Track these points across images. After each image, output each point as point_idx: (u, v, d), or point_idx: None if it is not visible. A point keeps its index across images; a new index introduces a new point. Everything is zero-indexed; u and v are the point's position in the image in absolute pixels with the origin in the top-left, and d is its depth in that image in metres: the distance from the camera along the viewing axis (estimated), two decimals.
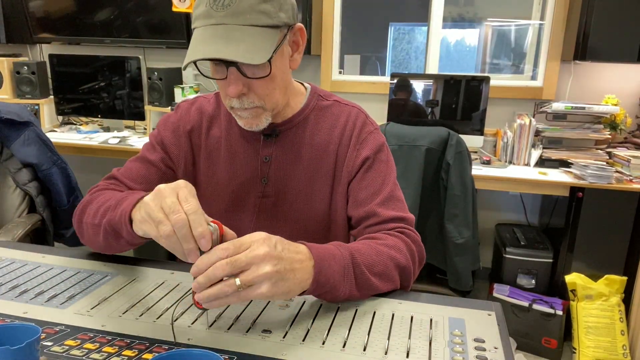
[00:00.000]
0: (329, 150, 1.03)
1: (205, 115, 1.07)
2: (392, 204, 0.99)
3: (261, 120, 0.95)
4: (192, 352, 0.56)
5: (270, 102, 0.93)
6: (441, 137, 2.06)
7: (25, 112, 1.72)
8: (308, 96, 1.06)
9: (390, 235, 0.93)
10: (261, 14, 0.84)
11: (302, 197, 1.02)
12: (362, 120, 1.05)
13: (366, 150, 1.02)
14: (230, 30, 0.83)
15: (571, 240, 2.29)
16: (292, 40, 0.94)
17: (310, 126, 1.04)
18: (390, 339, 0.72)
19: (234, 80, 0.88)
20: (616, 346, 2.10)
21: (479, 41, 4.45)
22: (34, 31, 3.08)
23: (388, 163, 1.04)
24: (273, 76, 0.90)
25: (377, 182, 1.01)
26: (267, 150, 1.03)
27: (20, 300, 0.81)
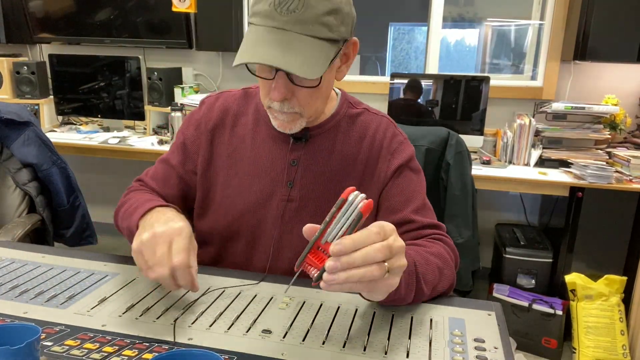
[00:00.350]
0: (358, 161, 1.02)
1: (230, 112, 1.05)
2: (426, 211, 1.01)
3: (296, 125, 0.94)
4: (192, 352, 0.56)
5: (309, 110, 0.93)
6: (441, 137, 2.06)
7: (25, 112, 1.72)
8: (339, 103, 1.05)
9: (431, 243, 0.93)
10: (324, 26, 0.82)
11: (326, 204, 1.01)
12: (392, 131, 1.06)
13: (398, 160, 1.02)
14: (290, 38, 0.81)
15: (571, 240, 2.29)
16: (343, 52, 0.92)
17: (341, 134, 1.03)
18: (390, 339, 0.72)
19: (281, 85, 0.87)
20: (616, 346, 2.10)
21: (478, 41, 4.45)
22: (34, 31, 3.08)
23: (419, 173, 1.06)
24: (319, 87, 0.89)
25: (410, 189, 1.01)
26: (295, 153, 1.01)
27: (20, 300, 0.81)
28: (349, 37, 0.90)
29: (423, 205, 1.01)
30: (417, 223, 0.97)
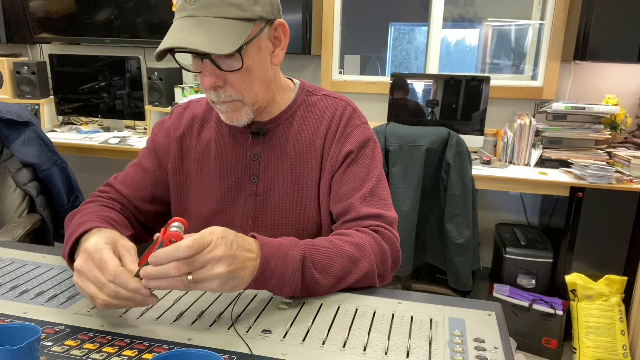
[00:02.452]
0: (316, 146, 1.02)
1: (197, 119, 1.08)
2: (372, 200, 0.98)
3: (241, 115, 0.95)
4: (192, 352, 0.56)
5: (248, 96, 0.93)
6: (441, 137, 2.06)
7: (25, 112, 1.72)
8: (296, 92, 1.06)
9: (361, 233, 0.92)
10: (232, 7, 0.85)
11: (290, 194, 1.02)
12: (349, 113, 1.04)
13: (350, 144, 1.00)
14: (199, 22, 0.84)
15: (571, 240, 2.29)
16: (273, 35, 0.94)
17: (297, 122, 1.03)
18: (390, 339, 0.72)
19: (208, 72, 0.89)
20: (616, 346, 2.10)
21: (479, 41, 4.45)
22: (34, 31, 3.08)
23: (373, 158, 1.03)
24: (249, 69, 0.90)
25: (359, 177, 0.99)
26: (255, 148, 1.02)
27: (20, 300, 0.81)
28: (271, 18, 0.91)
29: (371, 193, 0.98)
30: (356, 213, 0.96)
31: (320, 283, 0.83)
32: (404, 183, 2.09)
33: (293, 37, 2.84)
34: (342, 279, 0.85)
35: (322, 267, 0.83)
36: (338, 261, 0.85)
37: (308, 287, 0.82)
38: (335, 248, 0.86)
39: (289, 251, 0.80)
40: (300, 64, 3.00)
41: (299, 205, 1.02)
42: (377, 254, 0.90)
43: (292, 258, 0.80)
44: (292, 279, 0.79)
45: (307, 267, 0.81)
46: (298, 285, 0.80)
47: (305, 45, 2.68)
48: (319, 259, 0.83)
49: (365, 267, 0.88)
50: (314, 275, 0.82)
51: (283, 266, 0.78)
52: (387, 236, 0.94)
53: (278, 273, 0.78)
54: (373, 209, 0.97)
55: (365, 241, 0.90)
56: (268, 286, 0.79)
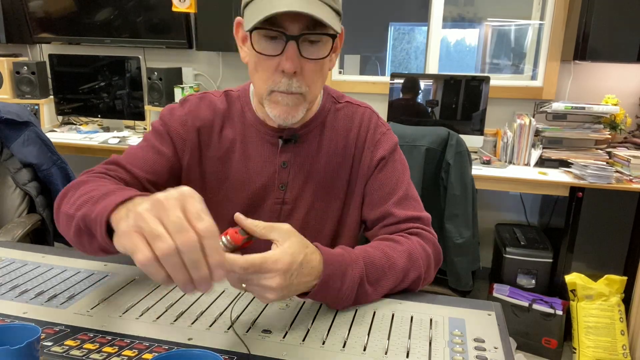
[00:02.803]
0: (347, 155, 1.02)
1: (219, 114, 1.01)
2: (408, 203, 0.99)
3: (298, 111, 0.91)
4: (192, 352, 0.56)
5: (313, 91, 0.92)
6: (441, 137, 2.06)
7: (25, 112, 1.72)
8: (323, 98, 1.04)
9: (404, 238, 0.92)
10: None
11: (317, 204, 1.01)
12: (375, 121, 1.05)
13: (381, 151, 1.01)
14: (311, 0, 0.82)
15: (571, 240, 2.29)
16: None
17: (328, 130, 1.02)
18: (390, 339, 0.72)
19: (292, 55, 0.85)
20: (616, 346, 2.10)
21: (479, 41, 4.45)
22: (34, 31, 3.08)
23: (402, 162, 1.05)
24: (323, 64, 0.90)
25: (391, 181, 1.00)
26: (285, 155, 1.00)
27: (20, 300, 0.81)
28: None
29: (405, 196, 0.99)
30: (395, 217, 0.97)
31: (369, 295, 0.82)
32: None
33: None
34: (391, 289, 0.86)
35: (376, 281, 0.83)
36: (391, 275, 0.85)
37: (359, 301, 0.82)
38: (388, 261, 0.85)
39: (348, 270, 0.79)
40: None
41: (324, 215, 1.02)
42: (424, 260, 0.90)
43: (350, 278, 0.79)
44: (346, 298, 0.79)
45: (362, 286, 0.81)
46: (350, 302, 0.80)
47: None
48: (373, 274, 0.83)
49: (414, 278, 0.88)
50: (367, 289, 0.81)
51: (340, 286, 0.78)
52: (428, 238, 0.95)
53: (334, 291, 0.77)
54: (409, 211, 0.98)
55: (414, 249, 0.90)
56: (322, 301, 0.80)
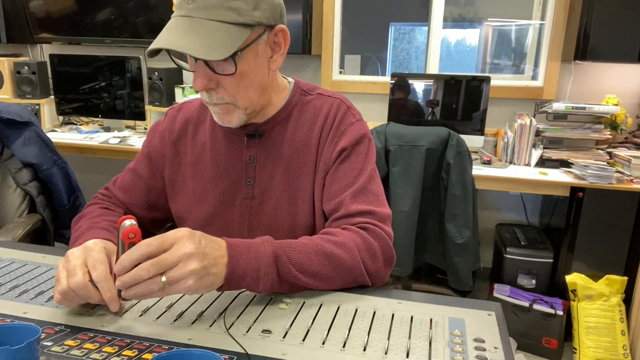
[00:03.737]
0: (311, 146, 1.01)
1: (191, 122, 1.08)
2: (364, 197, 0.96)
3: (233, 117, 0.94)
4: (192, 352, 0.56)
5: (241, 100, 0.92)
6: (441, 137, 2.06)
7: (25, 112, 1.72)
8: (291, 92, 1.04)
9: (347, 231, 0.90)
10: (230, 11, 0.83)
11: (285, 196, 1.01)
12: (343, 111, 1.02)
13: (343, 142, 0.99)
14: (194, 24, 0.83)
15: (571, 240, 2.29)
16: (272, 41, 0.92)
17: (293, 123, 1.02)
18: (390, 339, 0.72)
19: (200, 74, 0.88)
20: (616, 346, 2.10)
21: (479, 41, 4.45)
22: (35, 31, 3.08)
23: (367, 155, 1.01)
24: (243, 74, 0.89)
25: (351, 174, 0.98)
26: (250, 150, 1.02)
27: (20, 300, 0.81)
28: (272, 24, 0.90)
29: (362, 190, 0.97)
30: (346, 210, 0.94)
31: (301, 279, 0.82)
32: (404, 183, 2.09)
33: (293, 37, 2.84)
34: (325, 277, 0.84)
35: (300, 265, 0.82)
36: (317, 259, 0.83)
37: (289, 284, 0.82)
38: (315, 247, 0.84)
39: (260, 248, 0.80)
40: (300, 64, 3.00)
41: (294, 207, 1.01)
42: (363, 251, 0.88)
43: (264, 254, 0.79)
44: (266, 275, 0.79)
45: (283, 263, 0.80)
46: (275, 281, 0.80)
47: (305, 45, 2.69)
48: (296, 257, 0.82)
49: (350, 266, 0.86)
50: (292, 271, 0.81)
51: (255, 263, 0.78)
52: (376, 233, 0.92)
53: (250, 270, 0.78)
54: (364, 205, 0.95)
55: (349, 239, 0.88)
56: (243, 284, 0.78)
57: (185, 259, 0.69)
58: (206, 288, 0.73)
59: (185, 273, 0.69)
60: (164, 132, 1.09)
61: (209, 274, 0.72)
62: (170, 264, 0.69)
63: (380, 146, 2.09)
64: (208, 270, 0.72)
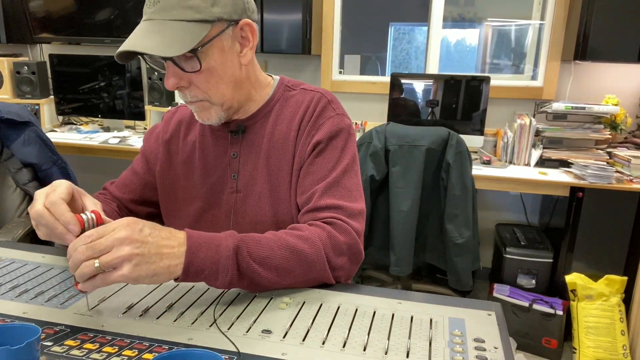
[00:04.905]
0: (290, 139, 1.01)
1: (184, 123, 1.12)
2: (335, 191, 0.95)
3: (211, 114, 0.97)
4: (192, 352, 0.56)
5: (215, 96, 0.94)
6: (441, 137, 2.06)
7: (25, 112, 1.72)
8: (275, 88, 1.06)
9: (312, 226, 0.90)
10: (188, 9, 0.86)
11: (267, 189, 1.02)
12: (323, 104, 1.02)
13: (319, 135, 0.98)
14: (155, 25, 0.86)
15: (571, 240, 2.29)
16: (239, 35, 0.94)
17: (274, 118, 1.03)
18: (390, 339, 0.72)
19: (171, 73, 0.91)
20: (616, 346, 2.10)
21: (479, 41, 4.45)
22: (34, 31, 3.08)
23: (344, 150, 1.00)
24: (212, 70, 0.91)
25: (325, 168, 0.97)
26: (235, 146, 1.04)
27: (20, 300, 0.81)
28: (235, 19, 0.91)
29: (334, 183, 0.96)
30: (315, 203, 0.94)
31: (262, 275, 0.81)
32: (404, 183, 2.09)
33: (293, 37, 2.87)
34: (287, 272, 0.83)
35: (262, 259, 0.81)
36: (280, 253, 0.83)
37: (249, 279, 0.81)
38: (278, 241, 0.84)
39: (222, 242, 0.80)
40: (300, 64, 3.00)
41: (276, 200, 1.02)
42: (327, 246, 0.87)
43: (225, 248, 0.79)
44: (225, 269, 0.78)
45: (242, 257, 0.80)
46: (234, 276, 0.79)
47: (305, 45, 2.69)
48: (257, 251, 0.81)
49: (313, 260, 0.85)
50: (252, 266, 0.80)
51: (215, 256, 0.78)
52: (342, 228, 0.91)
53: (210, 263, 0.77)
54: (333, 199, 0.94)
55: (313, 234, 0.87)
56: (201, 277, 0.78)
57: (117, 244, 0.70)
58: (149, 278, 0.72)
59: (116, 258, 0.69)
60: (159, 133, 1.14)
61: (149, 263, 0.71)
62: (103, 248, 0.69)
63: (380, 146, 2.09)
64: (146, 258, 0.71)
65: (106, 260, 0.69)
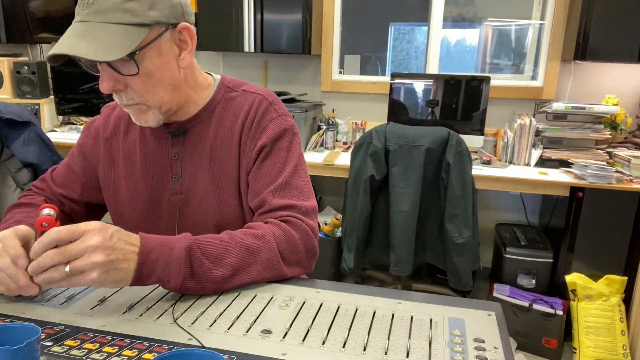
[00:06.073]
0: (233, 142, 1.02)
1: (123, 120, 1.09)
2: (287, 192, 0.98)
3: (149, 117, 0.96)
4: (193, 352, 0.56)
5: (152, 99, 0.93)
6: (441, 137, 2.06)
7: (25, 112, 1.72)
8: (215, 89, 1.05)
9: (268, 224, 0.93)
10: (125, 12, 0.85)
11: (210, 191, 1.02)
12: (265, 107, 1.03)
13: (263, 139, 1.00)
14: (89, 28, 0.84)
15: (571, 240, 2.29)
16: (177, 39, 0.93)
17: (216, 120, 1.03)
18: (390, 339, 0.72)
19: (106, 77, 0.89)
20: (616, 346, 2.10)
21: (479, 41, 4.45)
22: (34, 31, 3.08)
23: (289, 150, 1.02)
24: (149, 74, 0.90)
25: (274, 170, 0.99)
26: (175, 148, 1.04)
27: (20, 300, 0.81)
28: (173, 22, 0.90)
29: (284, 185, 0.98)
30: (269, 205, 0.96)
31: (214, 273, 0.82)
32: (404, 183, 2.09)
33: (293, 37, 2.87)
34: (241, 269, 0.85)
35: (216, 258, 0.83)
36: (234, 252, 0.85)
37: (201, 278, 0.82)
38: (232, 240, 0.86)
39: (176, 243, 0.81)
40: (300, 64, 3.00)
41: (220, 202, 1.02)
42: (282, 243, 0.90)
43: (178, 249, 0.80)
44: (178, 269, 0.79)
45: (195, 257, 0.81)
46: (187, 276, 0.80)
47: (305, 45, 2.68)
48: (211, 250, 0.83)
49: (267, 257, 0.87)
50: (205, 264, 0.82)
51: (168, 257, 0.79)
52: (297, 225, 0.94)
53: (162, 263, 0.79)
54: (286, 200, 0.97)
55: (268, 231, 0.90)
56: (153, 278, 0.79)
57: (90, 250, 0.71)
58: (114, 283, 0.75)
59: (87, 265, 0.71)
60: (98, 129, 1.11)
61: (117, 269, 0.74)
62: (75, 255, 0.71)
63: (380, 146, 2.09)
64: (115, 265, 0.73)
65: (78, 266, 0.71)
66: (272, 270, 0.89)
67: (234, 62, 3.07)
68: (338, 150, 2.74)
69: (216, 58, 3.05)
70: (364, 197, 2.12)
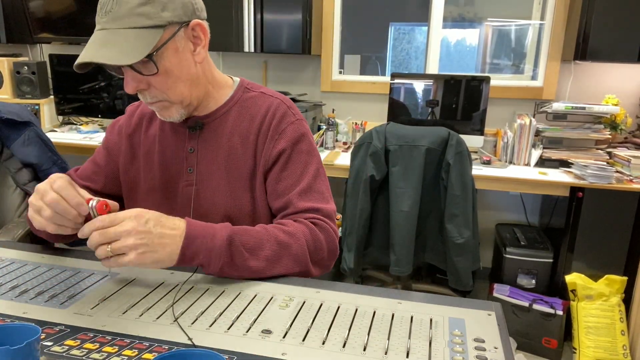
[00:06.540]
0: (249, 141, 1.06)
1: (146, 117, 1.15)
2: (310, 195, 1.03)
3: (172, 112, 1.01)
4: (193, 352, 0.56)
5: (173, 95, 0.98)
6: (441, 137, 2.06)
7: (25, 112, 1.72)
8: (235, 89, 1.10)
9: (297, 222, 0.98)
10: (140, 17, 0.89)
11: (223, 184, 1.06)
12: (283, 111, 1.07)
13: (283, 143, 1.05)
14: (109, 35, 0.90)
15: (571, 240, 2.29)
16: (191, 35, 0.97)
17: (233, 117, 1.08)
18: (390, 339, 0.72)
19: (129, 78, 0.95)
20: (616, 346, 2.10)
21: (479, 41, 4.45)
22: (34, 31, 3.08)
23: (310, 154, 1.07)
24: (168, 71, 0.95)
25: (295, 174, 1.04)
26: (192, 142, 1.08)
27: (20, 300, 0.81)
28: (185, 20, 0.95)
29: (308, 189, 1.04)
30: (295, 207, 1.02)
31: (250, 263, 0.90)
32: (404, 183, 2.09)
33: (293, 37, 2.87)
34: (273, 262, 0.92)
35: (252, 249, 0.90)
36: (268, 245, 0.92)
37: (238, 267, 0.89)
38: (267, 233, 0.93)
39: (218, 231, 0.88)
40: (300, 64, 3.00)
41: (232, 196, 1.06)
42: (309, 241, 0.96)
43: (220, 237, 0.88)
44: (219, 256, 0.87)
45: (236, 246, 0.88)
46: (226, 263, 0.87)
47: (305, 45, 2.68)
48: (248, 240, 0.90)
49: (297, 253, 0.94)
50: (244, 254, 0.89)
51: (210, 243, 0.87)
52: (323, 227, 1.00)
53: (205, 249, 0.86)
54: (310, 203, 1.02)
55: (298, 229, 0.96)
56: (195, 261, 0.87)
57: (125, 235, 0.79)
58: (154, 264, 0.82)
59: (123, 247, 0.78)
60: (122, 126, 1.17)
61: (153, 251, 0.81)
62: (112, 237, 0.78)
63: (380, 146, 2.09)
64: (150, 247, 0.80)
65: (115, 247, 0.78)
66: (301, 266, 0.95)
67: (234, 62, 3.06)
68: (338, 150, 2.74)
69: (216, 58, 3.05)
70: (364, 197, 2.12)
